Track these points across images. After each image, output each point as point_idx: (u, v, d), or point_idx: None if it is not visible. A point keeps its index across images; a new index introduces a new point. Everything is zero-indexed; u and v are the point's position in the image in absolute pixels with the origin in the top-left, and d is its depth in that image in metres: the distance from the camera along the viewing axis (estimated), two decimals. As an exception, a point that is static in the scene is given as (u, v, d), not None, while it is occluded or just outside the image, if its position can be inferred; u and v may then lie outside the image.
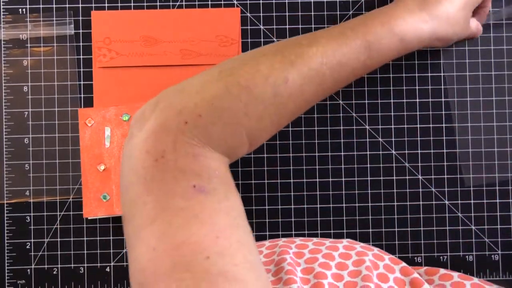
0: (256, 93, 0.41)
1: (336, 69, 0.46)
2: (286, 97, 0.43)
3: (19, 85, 0.65)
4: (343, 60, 0.46)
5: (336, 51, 0.46)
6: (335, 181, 0.66)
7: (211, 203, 0.36)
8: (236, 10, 0.66)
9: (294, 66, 0.43)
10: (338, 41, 0.47)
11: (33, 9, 0.66)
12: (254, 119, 0.41)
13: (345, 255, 0.44)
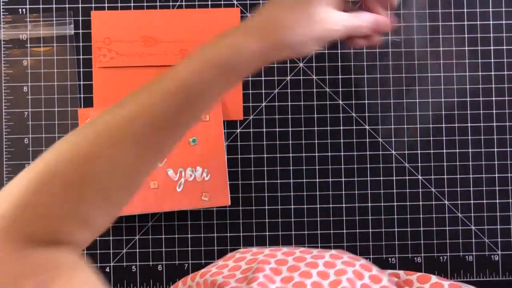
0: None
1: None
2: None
3: (19, 85, 0.65)
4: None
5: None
6: (334, 181, 0.66)
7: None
8: (236, 10, 0.66)
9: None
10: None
11: (33, 9, 0.66)
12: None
13: (330, 264, 0.43)
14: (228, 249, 0.65)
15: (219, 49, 0.42)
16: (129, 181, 0.41)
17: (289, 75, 0.66)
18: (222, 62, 0.42)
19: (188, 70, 0.41)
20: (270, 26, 0.44)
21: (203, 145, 0.64)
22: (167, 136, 0.41)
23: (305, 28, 0.45)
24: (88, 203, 0.39)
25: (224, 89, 0.44)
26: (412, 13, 0.67)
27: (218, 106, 0.64)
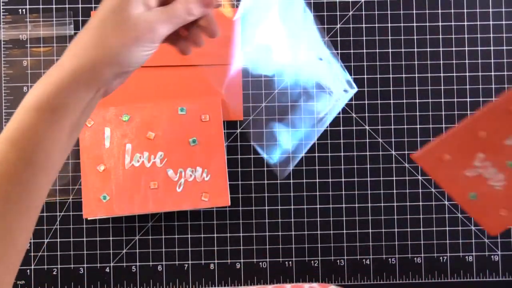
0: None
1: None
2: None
3: (19, 85, 0.65)
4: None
5: None
6: (334, 182, 0.66)
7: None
8: (236, 10, 0.66)
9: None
10: None
11: (33, 9, 0.66)
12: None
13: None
14: (228, 249, 0.65)
15: (37, 91, 0.38)
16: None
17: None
18: (43, 104, 0.37)
19: (14, 126, 0.37)
20: (79, 49, 0.39)
21: (203, 145, 0.64)
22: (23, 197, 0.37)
23: (119, 37, 0.39)
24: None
25: (62, 131, 0.38)
26: (412, 13, 0.67)
27: (218, 106, 0.64)
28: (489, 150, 0.47)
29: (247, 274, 0.65)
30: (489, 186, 0.48)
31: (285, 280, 0.65)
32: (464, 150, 0.47)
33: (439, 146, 0.48)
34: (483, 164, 0.47)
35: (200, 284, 0.65)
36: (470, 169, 0.48)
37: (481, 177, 0.48)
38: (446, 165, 0.48)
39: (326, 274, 0.65)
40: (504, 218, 0.49)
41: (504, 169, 0.47)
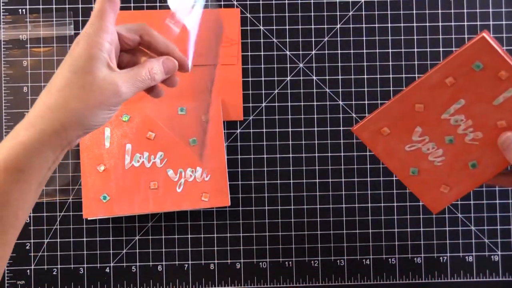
0: None
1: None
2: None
3: (19, 86, 0.65)
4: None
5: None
6: (334, 182, 0.66)
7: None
8: (236, 10, 0.66)
9: None
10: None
11: (33, 9, 0.66)
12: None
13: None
14: (228, 250, 0.65)
15: (5, 150, 0.38)
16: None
17: (289, 76, 0.66)
18: (11, 165, 0.37)
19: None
20: (46, 111, 0.39)
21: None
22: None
23: (84, 101, 0.39)
24: None
25: (29, 188, 0.39)
26: (412, 13, 0.67)
27: (218, 106, 0.65)
28: (427, 124, 0.46)
29: (247, 274, 0.65)
30: (429, 162, 0.47)
31: (285, 280, 0.65)
32: (402, 124, 0.46)
33: (376, 119, 0.47)
34: (421, 138, 0.47)
35: (200, 284, 0.65)
36: (410, 143, 0.47)
37: (421, 152, 0.47)
38: (385, 139, 0.47)
39: (326, 274, 0.65)
40: (445, 195, 0.48)
41: (443, 145, 0.47)
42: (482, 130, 0.45)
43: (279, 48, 0.66)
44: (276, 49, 0.66)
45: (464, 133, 0.46)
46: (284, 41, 0.66)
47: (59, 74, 0.40)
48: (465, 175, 0.47)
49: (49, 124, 0.38)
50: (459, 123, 0.45)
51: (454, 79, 0.44)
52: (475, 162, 0.47)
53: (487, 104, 0.44)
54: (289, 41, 0.66)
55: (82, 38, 0.40)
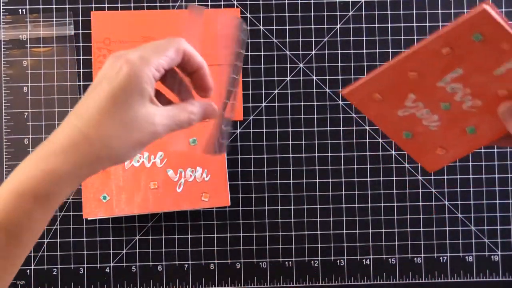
0: None
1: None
2: None
3: (19, 86, 0.65)
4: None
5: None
6: (334, 182, 0.66)
7: None
8: (236, 10, 0.66)
9: None
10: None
11: (33, 9, 0.66)
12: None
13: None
14: (228, 250, 0.65)
15: (35, 178, 0.36)
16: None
17: (289, 76, 0.66)
18: (41, 193, 0.36)
19: (5, 210, 0.36)
20: (83, 142, 0.37)
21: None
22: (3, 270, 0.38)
23: (124, 139, 0.37)
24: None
25: (51, 213, 0.38)
26: (412, 13, 0.67)
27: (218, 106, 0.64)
28: (421, 92, 0.44)
29: (247, 274, 0.65)
30: (424, 126, 0.46)
31: (285, 280, 0.65)
32: (395, 91, 0.44)
33: (368, 85, 0.44)
34: (415, 104, 0.45)
35: (200, 284, 0.65)
36: (402, 109, 0.45)
37: (415, 117, 0.45)
38: (377, 104, 0.45)
39: (326, 274, 0.65)
40: (441, 156, 0.47)
41: (438, 111, 0.45)
42: (481, 98, 0.43)
43: (279, 48, 0.66)
44: (276, 49, 0.66)
45: (462, 101, 0.44)
46: (284, 41, 0.66)
47: (97, 100, 0.37)
48: (462, 139, 0.45)
49: (85, 157, 0.37)
50: (456, 91, 0.43)
51: (451, 49, 0.41)
52: (473, 127, 0.45)
53: (487, 74, 0.42)
54: (289, 41, 0.66)
55: (127, 65, 0.37)
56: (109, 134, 0.37)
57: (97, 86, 0.37)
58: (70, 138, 0.37)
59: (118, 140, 0.37)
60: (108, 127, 0.37)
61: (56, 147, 0.37)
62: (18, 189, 0.36)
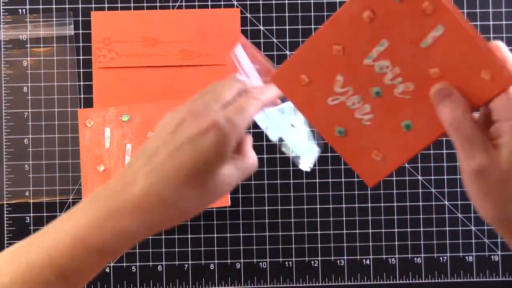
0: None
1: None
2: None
3: (19, 86, 0.65)
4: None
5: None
6: (334, 182, 0.66)
7: None
8: (236, 10, 0.66)
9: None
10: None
11: (33, 9, 0.66)
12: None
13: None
14: (228, 250, 0.65)
15: (104, 236, 0.35)
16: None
17: (289, 76, 0.66)
18: (108, 251, 0.36)
19: (68, 261, 0.35)
20: (159, 205, 0.35)
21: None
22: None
23: (201, 203, 0.37)
24: None
25: (97, 270, 0.37)
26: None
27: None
28: (348, 72, 0.38)
29: (247, 274, 0.65)
30: (356, 120, 0.39)
31: (285, 280, 0.65)
32: (321, 71, 0.38)
33: (291, 64, 0.39)
34: (344, 90, 0.39)
35: (200, 284, 0.65)
36: (332, 96, 0.39)
37: (345, 107, 0.39)
38: (305, 89, 0.39)
39: (326, 274, 0.65)
40: (378, 164, 0.40)
41: (369, 99, 0.38)
42: (413, 81, 0.37)
43: (279, 48, 0.66)
44: (276, 49, 0.66)
45: (393, 84, 0.37)
46: (284, 41, 0.66)
47: (177, 163, 0.35)
48: (398, 140, 0.39)
49: (158, 220, 0.36)
50: (385, 71, 0.37)
51: (373, 13, 0.35)
52: (409, 123, 0.38)
53: (413, 46, 0.36)
54: (289, 41, 0.66)
55: (215, 131, 0.35)
56: (187, 200, 0.36)
57: (175, 143, 0.35)
58: (146, 198, 0.35)
59: (196, 205, 0.36)
60: (187, 193, 0.35)
61: (128, 204, 0.35)
62: (84, 241, 0.35)
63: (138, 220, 0.35)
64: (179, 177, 0.35)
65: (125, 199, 0.36)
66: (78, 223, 0.35)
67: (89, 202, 0.37)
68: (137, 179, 0.36)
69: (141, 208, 0.35)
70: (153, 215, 0.35)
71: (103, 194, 0.37)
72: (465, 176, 0.35)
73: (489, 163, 0.34)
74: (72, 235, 0.35)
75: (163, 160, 0.35)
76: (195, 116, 0.36)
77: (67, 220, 0.36)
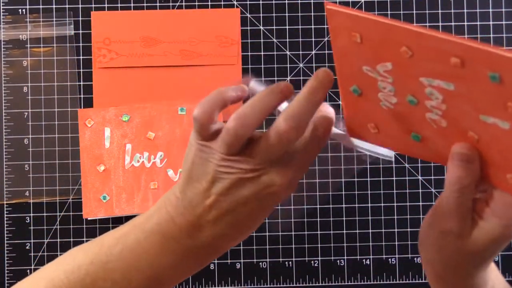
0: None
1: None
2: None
3: (19, 86, 0.65)
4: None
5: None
6: (334, 182, 0.66)
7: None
8: (236, 10, 0.66)
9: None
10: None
11: (33, 9, 0.66)
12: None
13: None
14: (228, 250, 0.65)
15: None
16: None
17: (289, 75, 0.66)
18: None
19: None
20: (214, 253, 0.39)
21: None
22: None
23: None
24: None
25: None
26: (412, 13, 0.67)
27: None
28: (400, 70, 0.36)
29: (247, 274, 0.65)
30: (376, 99, 0.38)
31: (285, 280, 0.65)
32: (376, 48, 0.36)
33: (356, 21, 0.36)
34: (385, 74, 0.37)
35: (200, 284, 0.65)
36: (370, 67, 0.37)
37: (375, 83, 0.38)
38: (351, 45, 0.37)
39: (326, 274, 0.65)
40: (370, 134, 0.40)
41: (401, 98, 0.37)
42: (449, 123, 0.36)
43: (279, 48, 0.66)
44: (276, 49, 0.66)
45: (430, 109, 0.37)
46: (284, 41, 0.66)
47: (245, 218, 0.37)
48: (401, 137, 0.39)
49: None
50: (432, 99, 0.36)
51: (461, 64, 0.33)
52: (420, 137, 0.38)
53: (474, 111, 0.35)
54: (289, 41, 0.66)
55: (278, 193, 0.36)
56: (229, 244, 0.39)
57: (235, 192, 0.36)
58: (211, 245, 0.37)
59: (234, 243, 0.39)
60: (233, 238, 0.38)
61: (195, 249, 0.37)
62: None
63: (202, 261, 0.39)
64: (251, 226, 0.37)
65: (194, 245, 0.37)
66: (152, 263, 0.37)
67: (158, 236, 0.37)
68: (204, 229, 0.37)
69: (211, 254, 0.38)
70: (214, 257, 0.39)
71: (169, 229, 0.37)
72: (428, 226, 0.36)
73: (461, 234, 0.34)
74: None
75: (230, 211, 0.36)
76: (258, 177, 0.36)
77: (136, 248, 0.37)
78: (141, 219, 0.38)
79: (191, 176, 0.37)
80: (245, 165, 0.35)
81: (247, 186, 0.35)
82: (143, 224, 0.37)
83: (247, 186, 0.35)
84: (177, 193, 0.37)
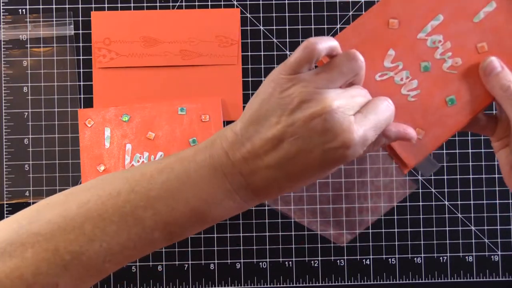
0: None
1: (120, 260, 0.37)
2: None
3: (19, 86, 0.65)
4: (131, 245, 0.37)
5: (124, 245, 0.36)
6: (334, 182, 0.66)
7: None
8: (236, 10, 0.66)
9: (67, 270, 0.35)
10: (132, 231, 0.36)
11: (33, 9, 0.66)
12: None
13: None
14: (228, 250, 0.65)
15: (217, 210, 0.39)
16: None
17: (289, 76, 0.66)
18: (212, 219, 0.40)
19: (171, 214, 0.38)
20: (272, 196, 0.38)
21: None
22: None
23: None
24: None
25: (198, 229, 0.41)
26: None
27: (218, 106, 0.65)
28: (401, 46, 0.40)
29: (247, 274, 0.65)
30: (402, 97, 0.40)
31: (285, 280, 0.65)
32: (374, 45, 0.40)
33: (347, 35, 0.40)
34: (394, 64, 0.40)
35: (200, 284, 0.65)
36: (381, 71, 0.40)
37: (393, 82, 0.40)
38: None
39: (326, 274, 0.65)
40: (419, 143, 0.41)
41: (418, 74, 0.40)
42: (461, 55, 0.40)
43: (279, 48, 0.66)
44: (276, 49, 0.66)
45: (442, 59, 0.40)
46: (284, 41, 0.66)
47: (305, 167, 0.36)
48: (442, 116, 0.40)
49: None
50: (437, 45, 0.40)
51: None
52: (453, 97, 0.40)
53: (466, 20, 0.39)
54: (289, 41, 0.66)
55: (348, 147, 0.35)
56: (274, 193, 0.38)
57: (304, 139, 0.35)
58: (264, 190, 0.37)
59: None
60: (281, 187, 0.37)
61: (247, 192, 0.37)
62: (201, 215, 0.40)
63: (244, 204, 0.38)
64: (303, 181, 0.37)
65: (247, 185, 0.37)
66: (198, 195, 0.37)
67: (209, 169, 0.37)
68: (258, 170, 0.36)
69: (256, 197, 0.38)
70: (255, 203, 0.38)
71: (222, 163, 0.36)
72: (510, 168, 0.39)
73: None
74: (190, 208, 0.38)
75: (291, 156, 0.35)
76: (326, 119, 0.35)
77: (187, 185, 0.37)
78: (188, 153, 0.37)
79: (259, 113, 0.36)
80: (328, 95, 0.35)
81: (320, 125, 0.34)
82: (193, 156, 0.37)
83: (320, 125, 0.34)
84: (237, 130, 0.36)
